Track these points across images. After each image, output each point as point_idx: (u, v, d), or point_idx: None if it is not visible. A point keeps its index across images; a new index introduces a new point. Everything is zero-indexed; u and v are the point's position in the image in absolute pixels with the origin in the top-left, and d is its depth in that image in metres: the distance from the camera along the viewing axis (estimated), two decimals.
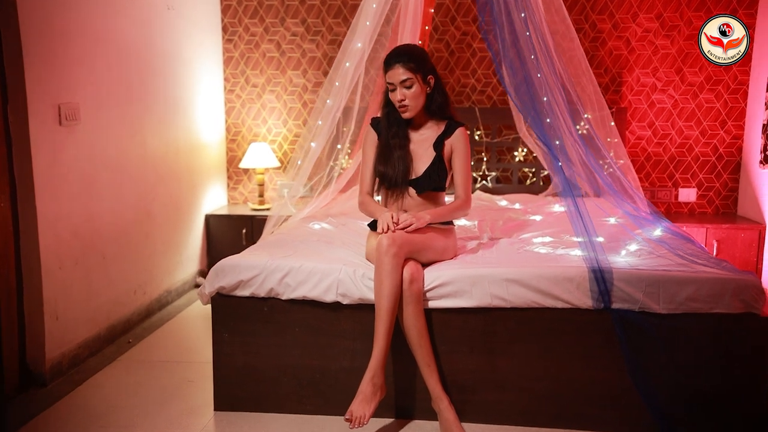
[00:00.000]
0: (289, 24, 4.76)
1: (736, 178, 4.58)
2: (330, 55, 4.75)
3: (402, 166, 2.72)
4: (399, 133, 2.76)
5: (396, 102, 2.67)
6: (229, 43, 4.83)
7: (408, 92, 2.66)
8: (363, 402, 2.32)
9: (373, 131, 2.85)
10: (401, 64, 2.64)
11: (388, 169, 2.74)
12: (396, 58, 2.66)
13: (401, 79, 2.64)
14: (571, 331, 2.50)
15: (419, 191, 2.76)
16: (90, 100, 3.24)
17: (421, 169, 2.77)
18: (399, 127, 2.76)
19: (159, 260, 4.00)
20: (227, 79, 4.87)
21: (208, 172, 4.68)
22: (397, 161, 2.74)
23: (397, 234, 2.53)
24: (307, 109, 4.83)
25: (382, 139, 2.78)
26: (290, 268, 2.63)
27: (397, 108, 2.69)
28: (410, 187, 2.76)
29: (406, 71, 2.64)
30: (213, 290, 2.69)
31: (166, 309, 4.06)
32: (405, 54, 2.67)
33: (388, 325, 2.41)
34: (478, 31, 4.51)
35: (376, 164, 2.78)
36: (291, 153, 4.89)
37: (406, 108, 2.68)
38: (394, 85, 2.66)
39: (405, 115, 2.70)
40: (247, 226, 4.57)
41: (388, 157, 2.76)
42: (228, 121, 4.91)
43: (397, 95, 2.66)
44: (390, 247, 2.46)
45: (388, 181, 2.76)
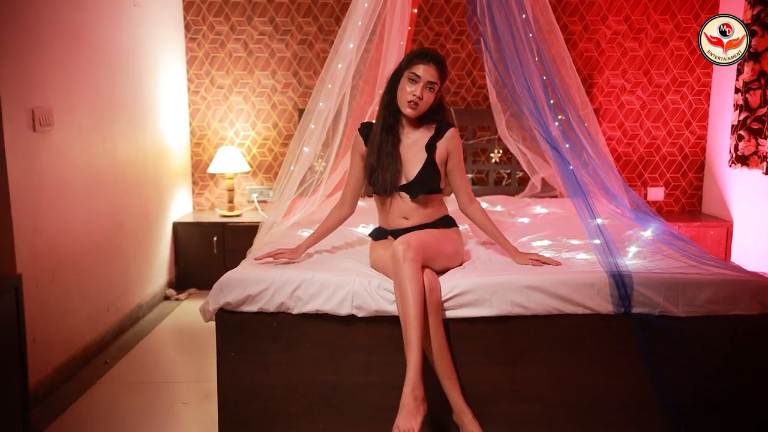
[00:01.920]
0: (256, 23, 4.59)
1: (701, 177, 4.72)
2: (300, 55, 4.60)
3: (392, 170, 2.64)
4: (392, 130, 2.68)
5: (410, 95, 2.58)
6: (192, 42, 4.60)
7: (427, 94, 2.59)
8: (408, 416, 2.21)
9: (358, 135, 2.75)
10: (438, 67, 2.58)
11: (378, 173, 2.64)
12: (435, 59, 2.59)
13: (430, 80, 2.57)
14: (590, 337, 2.48)
15: (413, 196, 2.68)
16: (62, 103, 3.00)
17: (412, 173, 2.68)
18: (394, 123, 2.68)
19: (131, 273, 3.77)
20: (191, 80, 4.65)
21: (174, 177, 4.45)
22: (387, 165, 2.65)
23: (411, 238, 2.44)
24: (276, 111, 4.67)
25: (374, 134, 2.68)
26: (302, 280, 2.49)
27: (407, 100, 2.59)
28: (402, 192, 2.68)
29: (437, 76, 2.58)
30: (217, 306, 2.52)
31: (138, 325, 3.82)
32: (442, 61, 2.62)
33: (420, 332, 2.31)
34: (469, 40, 4.47)
35: (366, 161, 2.69)
36: (260, 157, 4.71)
37: (417, 106, 2.60)
38: (419, 80, 2.57)
39: (408, 112, 2.62)
40: (218, 234, 4.37)
41: (378, 157, 2.66)
42: (192, 124, 4.69)
43: (417, 90, 2.57)
44: (407, 252, 2.37)
45: (379, 186, 2.66)
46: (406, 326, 2.33)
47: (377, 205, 2.77)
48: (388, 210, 2.71)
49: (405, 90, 2.59)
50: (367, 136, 2.71)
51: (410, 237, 2.45)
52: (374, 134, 2.67)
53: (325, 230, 2.82)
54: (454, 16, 4.57)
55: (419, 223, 2.67)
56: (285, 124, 4.68)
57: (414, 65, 2.60)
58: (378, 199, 2.74)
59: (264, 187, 4.73)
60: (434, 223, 2.69)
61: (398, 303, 2.38)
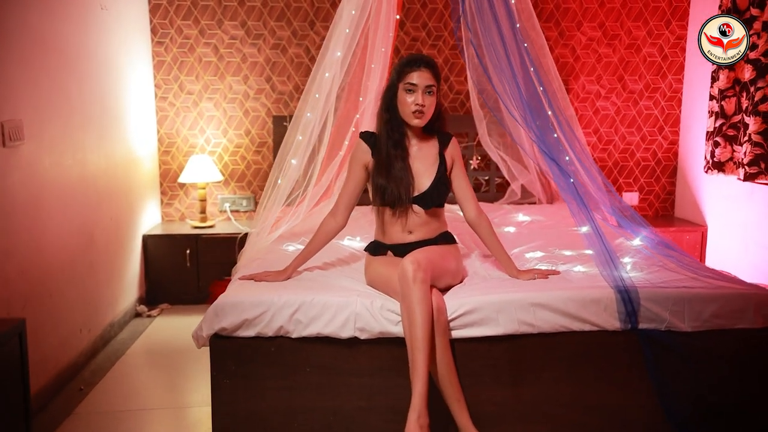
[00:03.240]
0: (227, 26, 4.42)
1: (673, 181, 4.79)
2: (273, 60, 4.46)
3: (405, 183, 2.55)
4: (400, 144, 2.58)
5: (413, 105, 2.50)
6: (159, 46, 4.41)
7: (428, 99, 2.52)
8: None
9: (365, 145, 2.63)
10: (430, 69, 2.51)
11: (390, 184, 2.55)
12: (424, 63, 2.51)
13: (427, 83, 2.49)
14: (597, 355, 2.44)
15: (426, 207, 2.61)
16: (33, 114, 2.81)
17: (424, 184, 2.61)
18: (400, 137, 2.58)
19: (102, 291, 3.57)
20: (158, 86, 4.45)
21: (142, 187, 4.25)
22: (400, 179, 2.56)
23: (419, 256, 2.36)
24: (249, 118, 4.51)
25: (381, 151, 2.58)
26: (301, 302, 2.38)
27: (411, 111, 2.51)
28: (415, 204, 2.60)
29: (432, 77, 2.51)
30: (212, 332, 2.38)
31: (110, 345, 3.62)
32: (431, 63, 2.54)
33: (427, 356, 2.23)
34: (446, 45, 4.40)
35: (375, 178, 2.57)
36: (233, 165, 4.55)
37: (422, 115, 2.52)
38: (416, 88, 2.49)
39: (416, 122, 2.54)
40: (191, 246, 4.20)
41: (388, 171, 2.56)
42: (161, 132, 4.49)
43: (418, 98, 2.49)
44: (417, 272, 2.28)
45: (392, 197, 2.56)
46: (413, 350, 2.25)
47: (378, 218, 2.67)
48: (393, 223, 2.61)
49: (406, 102, 2.51)
50: (373, 146, 2.60)
51: (418, 255, 2.36)
52: (381, 151, 2.57)
53: (315, 247, 2.72)
54: (431, 21, 4.51)
55: (422, 238, 2.59)
56: (258, 131, 4.53)
57: (406, 75, 2.52)
58: (380, 212, 2.64)
59: (237, 196, 4.58)
60: (436, 239, 2.62)
61: (405, 326, 2.29)
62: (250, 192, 4.58)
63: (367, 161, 2.62)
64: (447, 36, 4.53)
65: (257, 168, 4.56)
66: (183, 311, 4.15)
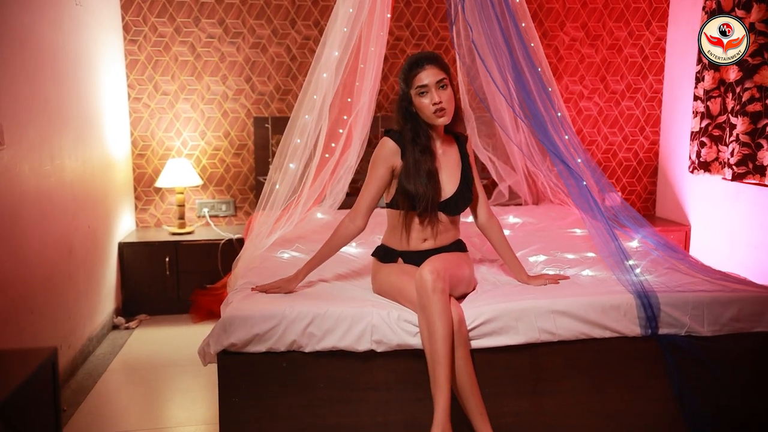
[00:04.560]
0: (204, 24, 4.24)
1: (654, 181, 4.82)
2: (253, 59, 4.30)
3: (434, 184, 2.43)
4: (427, 149, 2.44)
5: (432, 106, 2.37)
6: (132, 44, 4.20)
7: (444, 94, 2.38)
8: None
9: (393, 145, 2.46)
10: (434, 64, 2.38)
11: (419, 189, 2.41)
12: (426, 60, 2.38)
13: (438, 78, 2.36)
14: (618, 362, 2.40)
15: (452, 213, 2.51)
16: (12, 117, 2.60)
17: (449, 190, 2.50)
18: (426, 141, 2.45)
19: (81, 304, 3.36)
20: (132, 86, 4.24)
21: (118, 193, 4.04)
22: (428, 180, 2.42)
23: (437, 265, 2.26)
24: (228, 120, 4.34)
25: (408, 157, 2.44)
26: (314, 315, 2.26)
27: (433, 112, 2.38)
28: (440, 212, 2.49)
29: (440, 71, 2.38)
30: (220, 348, 2.24)
31: (89, 362, 3.41)
32: (432, 57, 2.42)
33: (449, 370, 2.15)
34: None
35: (405, 184, 2.42)
36: (211, 168, 4.37)
37: (444, 111, 2.39)
38: (427, 88, 2.37)
39: (441, 120, 2.41)
40: (170, 254, 4.01)
41: (418, 176, 2.41)
42: (134, 134, 4.28)
43: (433, 97, 2.36)
44: (436, 282, 2.19)
45: (420, 203, 2.42)
46: (435, 364, 2.16)
47: (396, 222, 2.53)
48: (411, 229, 2.49)
49: (423, 105, 2.40)
50: (403, 147, 2.45)
51: (436, 264, 2.26)
52: (408, 158, 2.44)
53: (330, 252, 2.56)
54: (414, 20, 4.42)
55: (436, 246, 2.50)
56: (238, 133, 4.36)
57: (414, 79, 2.40)
58: (402, 217, 2.50)
59: (216, 201, 4.40)
60: (449, 246, 2.53)
61: (424, 338, 2.20)
62: (230, 196, 4.41)
63: (395, 163, 2.46)
64: (431, 35, 4.45)
65: (237, 171, 4.39)
66: (163, 322, 3.96)
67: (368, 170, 2.51)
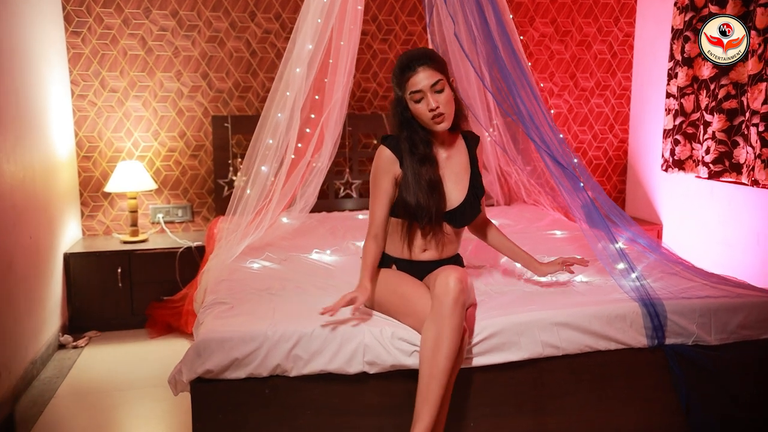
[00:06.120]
0: (155, 16, 3.93)
1: (624, 180, 4.76)
2: (210, 54, 4.02)
3: (437, 194, 2.22)
4: (427, 158, 2.22)
5: (429, 112, 2.15)
6: (75, 36, 3.85)
7: (441, 97, 2.16)
8: None
9: (391, 155, 2.23)
10: (427, 65, 2.14)
11: (420, 200, 2.19)
12: (418, 61, 2.15)
13: (432, 82, 2.14)
14: (623, 375, 2.25)
15: (457, 225, 2.30)
16: None
17: (455, 198, 2.29)
18: (426, 149, 2.23)
19: (23, 323, 3.03)
20: (75, 82, 3.89)
21: (62, 199, 3.69)
22: (430, 191, 2.21)
23: (461, 275, 2.03)
24: (183, 119, 4.04)
25: (406, 168, 2.22)
26: (300, 335, 2.03)
27: (430, 118, 2.17)
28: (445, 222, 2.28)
29: (435, 72, 2.15)
30: (194, 376, 1.98)
31: (34, 387, 3.07)
32: (425, 56, 2.17)
33: (444, 390, 1.96)
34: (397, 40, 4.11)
35: (405, 195, 2.20)
36: (166, 171, 4.06)
37: (443, 117, 2.17)
38: (422, 93, 2.14)
39: (440, 127, 2.19)
40: (122, 264, 3.69)
41: (416, 186, 2.20)
42: (79, 135, 3.93)
43: (429, 103, 2.14)
44: (461, 294, 1.98)
45: (423, 216, 2.21)
46: (431, 379, 1.96)
47: (392, 228, 2.30)
48: (413, 238, 2.26)
49: (420, 111, 2.18)
50: (401, 156, 2.23)
51: (460, 275, 2.03)
52: (407, 168, 2.22)
53: (376, 260, 2.27)
54: (381, 14, 4.21)
55: (435, 258, 2.28)
56: (194, 134, 4.07)
57: (406, 84, 2.17)
58: (397, 224, 2.28)
59: (172, 206, 4.09)
60: (450, 259, 2.32)
61: (427, 348, 1.98)
62: (187, 201, 4.11)
63: (396, 171, 2.24)
64: (398, 30, 4.25)
65: (194, 174, 4.09)
66: (115, 338, 3.64)
67: (370, 185, 2.28)
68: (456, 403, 2.13)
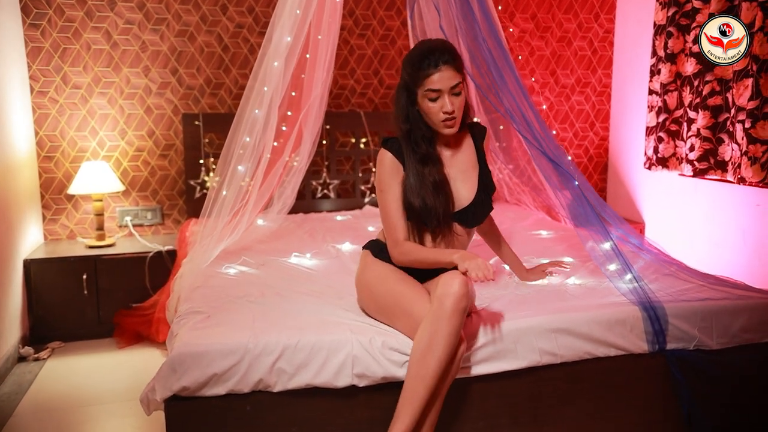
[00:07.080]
0: (121, 8, 3.73)
1: (605, 178, 4.70)
2: (180, 49, 3.83)
3: (444, 195, 2.08)
4: (430, 157, 2.08)
5: (442, 114, 2.00)
6: (34, 29, 3.63)
7: (457, 100, 2.01)
8: None
9: (391, 157, 2.08)
10: (450, 65, 1.98)
11: (427, 203, 2.05)
12: (443, 57, 1.97)
13: (453, 83, 1.98)
14: (623, 383, 2.15)
15: (471, 225, 2.17)
16: None
17: (465, 197, 2.15)
18: (428, 149, 2.08)
19: None
20: (35, 78, 3.67)
21: (22, 202, 3.47)
22: (436, 192, 2.07)
23: (467, 279, 1.89)
24: (152, 117, 3.85)
25: (408, 169, 2.08)
26: (284, 346, 1.88)
27: (441, 120, 2.02)
28: (455, 223, 2.14)
29: (456, 73, 1.99)
30: (168, 394, 1.82)
31: None
32: (449, 52, 2.00)
33: (430, 393, 1.84)
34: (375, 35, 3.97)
35: (408, 197, 2.06)
36: (134, 172, 3.86)
37: (455, 121, 2.03)
38: (439, 93, 1.99)
39: (449, 131, 2.05)
40: (88, 270, 3.48)
41: (420, 187, 2.06)
42: (40, 133, 3.71)
43: (445, 105, 1.99)
44: (463, 299, 1.85)
45: (431, 219, 2.07)
46: (418, 381, 1.84)
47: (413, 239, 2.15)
48: (423, 240, 2.13)
49: (431, 111, 2.02)
50: (402, 159, 2.09)
51: (465, 278, 1.90)
52: (409, 169, 2.07)
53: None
54: (358, 8, 4.07)
55: None
56: (164, 132, 3.88)
57: (424, 81, 1.99)
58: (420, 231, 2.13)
59: (140, 208, 3.89)
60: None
61: (418, 349, 1.86)
62: (156, 203, 3.92)
63: (403, 176, 2.10)
64: (376, 25, 4.12)
65: (164, 174, 3.90)
66: (81, 349, 3.43)
67: (379, 192, 2.12)
68: (448, 416, 2.01)
